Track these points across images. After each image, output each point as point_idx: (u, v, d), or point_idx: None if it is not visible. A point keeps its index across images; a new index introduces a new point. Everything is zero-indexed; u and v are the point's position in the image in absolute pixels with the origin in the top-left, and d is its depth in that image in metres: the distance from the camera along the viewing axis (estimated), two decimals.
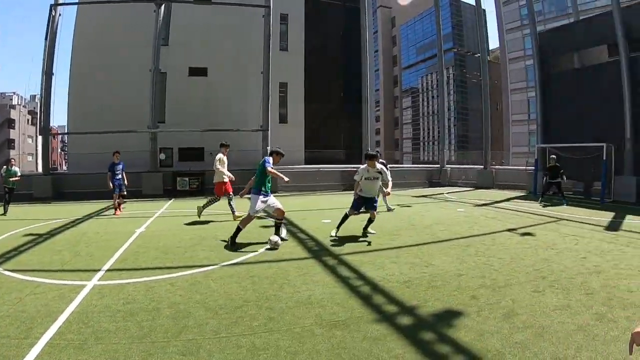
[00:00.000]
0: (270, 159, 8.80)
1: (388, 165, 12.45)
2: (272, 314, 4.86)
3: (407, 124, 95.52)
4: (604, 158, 19.31)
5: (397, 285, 6.03)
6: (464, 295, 5.53)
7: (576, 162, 20.98)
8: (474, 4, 25.99)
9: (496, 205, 17.34)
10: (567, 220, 13.27)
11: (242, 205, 12.53)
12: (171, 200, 18.90)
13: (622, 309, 5.03)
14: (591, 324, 4.53)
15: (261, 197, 8.63)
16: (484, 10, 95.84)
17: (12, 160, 16.25)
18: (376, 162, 9.38)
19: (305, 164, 30.37)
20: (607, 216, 14.25)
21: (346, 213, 9.73)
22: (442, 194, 22.91)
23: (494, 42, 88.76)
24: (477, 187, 26.55)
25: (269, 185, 8.87)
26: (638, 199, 18.84)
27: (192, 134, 26.11)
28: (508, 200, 19.72)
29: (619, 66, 20.11)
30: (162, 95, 28.07)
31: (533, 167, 23.53)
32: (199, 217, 12.10)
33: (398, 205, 16.36)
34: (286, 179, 8.77)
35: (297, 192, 21.69)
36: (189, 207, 15.63)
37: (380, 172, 9.36)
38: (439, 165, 30.68)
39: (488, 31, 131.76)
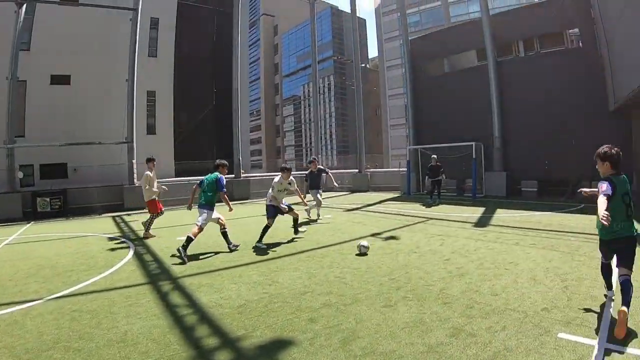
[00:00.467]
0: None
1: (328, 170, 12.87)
2: (78, 357, 4.02)
3: (290, 131, 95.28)
4: (474, 156, 19.89)
5: (229, 311, 5.19)
6: (301, 319, 4.78)
7: (449, 162, 21.15)
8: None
9: (366, 208, 16.76)
10: (436, 219, 12.90)
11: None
12: (29, 224, 16.02)
13: (483, 318, 4.55)
14: (445, 342, 3.96)
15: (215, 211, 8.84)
16: (364, 20, 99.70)
17: None
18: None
19: (176, 176, 28.08)
20: (477, 212, 14.29)
21: (267, 224, 9.55)
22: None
23: (375, 51, 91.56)
24: (352, 191, 26.26)
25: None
26: (508, 192, 19.77)
27: (56, 149, 23.02)
28: (380, 202, 19.15)
29: (487, 69, 21.03)
30: (21, 106, 24.51)
31: (405, 169, 23.71)
32: (149, 234, 11.21)
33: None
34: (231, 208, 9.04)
35: (169, 207, 19.26)
36: (48, 230, 14.01)
37: (290, 183, 9.68)
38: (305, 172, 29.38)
39: (368, 40, 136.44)
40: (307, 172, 13.15)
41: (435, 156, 18.22)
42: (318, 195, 12.84)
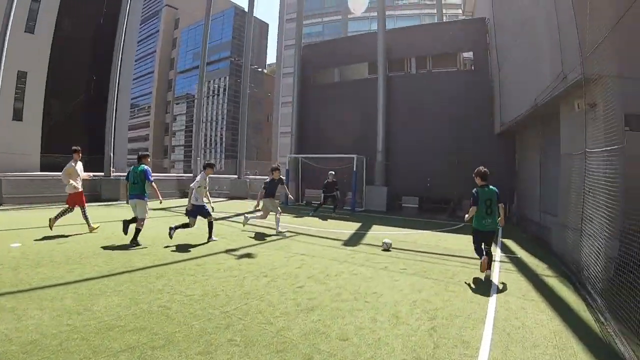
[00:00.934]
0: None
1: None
2: None
3: (180, 130, 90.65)
4: (354, 169, 19.12)
5: (16, 349, 3.75)
6: None
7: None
8: (259, 18, 23.57)
9: (234, 218, 14.90)
10: (306, 234, 11.62)
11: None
12: None
13: None
14: None
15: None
16: (267, 25, 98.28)
17: None
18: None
19: (41, 170, 24.57)
20: (352, 228, 13.20)
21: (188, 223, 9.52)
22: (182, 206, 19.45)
23: (274, 57, 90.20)
24: (230, 198, 24.43)
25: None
26: (389, 207, 19.24)
27: None
28: (252, 212, 17.33)
29: (377, 83, 20.55)
30: None
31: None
32: (51, 229, 9.73)
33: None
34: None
35: (28, 205, 16.73)
36: None
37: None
38: (192, 175, 27.29)
39: (268, 45, 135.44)
40: (267, 179, 12.36)
41: (332, 172, 17.10)
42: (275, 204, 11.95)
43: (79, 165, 10.58)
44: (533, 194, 13.37)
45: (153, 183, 8.97)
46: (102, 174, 20.41)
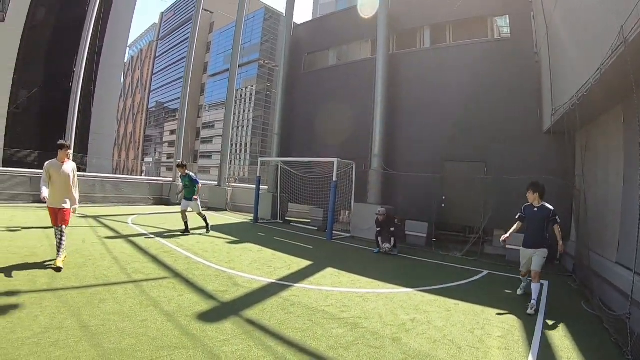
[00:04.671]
0: None
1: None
2: None
3: (217, 137, 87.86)
4: (334, 178, 13.50)
5: None
6: None
7: (311, 184, 15.73)
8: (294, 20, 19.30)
9: (165, 236, 11.10)
10: (184, 279, 6.75)
11: None
12: None
13: None
14: None
15: None
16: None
17: None
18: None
19: (3, 166, 22.04)
20: (288, 268, 8.21)
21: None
22: (134, 215, 16.04)
23: None
24: (208, 209, 20.05)
25: None
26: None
27: None
28: (196, 229, 12.99)
29: (375, 65, 15.18)
30: None
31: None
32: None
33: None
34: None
35: None
36: None
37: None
38: (171, 179, 23.05)
39: None
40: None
41: (382, 209, 11.69)
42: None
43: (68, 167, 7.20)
44: (607, 228, 7.60)
45: None
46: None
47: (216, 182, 21.64)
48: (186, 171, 11.73)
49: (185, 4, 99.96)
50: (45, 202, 6.83)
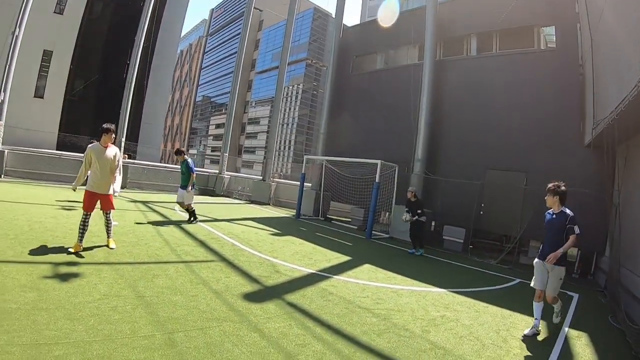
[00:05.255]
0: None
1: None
2: None
3: (262, 133, 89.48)
4: (377, 179, 13.83)
5: None
6: None
7: (355, 184, 16.11)
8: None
9: (211, 224, 11.72)
10: (230, 263, 7.30)
11: None
12: None
13: None
14: None
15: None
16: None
17: None
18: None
19: (57, 149, 23.23)
20: (324, 262, 8.58)
21: None
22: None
23: None
24: (251, 202, 21.05)
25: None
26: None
27: None
28: (233, 220, 13.79)
29: (422, 70, 15.44)
30: None
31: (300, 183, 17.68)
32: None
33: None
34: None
35: (29, 180, 16.94)
36: None
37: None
38: (217, 172, 23.93)
39: None
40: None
41: (412, 188, 12.35)
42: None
43: (111, 152, 6.98)
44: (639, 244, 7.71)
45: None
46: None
47: (260, 177, 22.33)
48: (185, 157, 11.29)
49: (235, 1, 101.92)
50: (75, 191, 6.87)
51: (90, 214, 6.79)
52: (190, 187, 11.16)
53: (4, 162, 16.74)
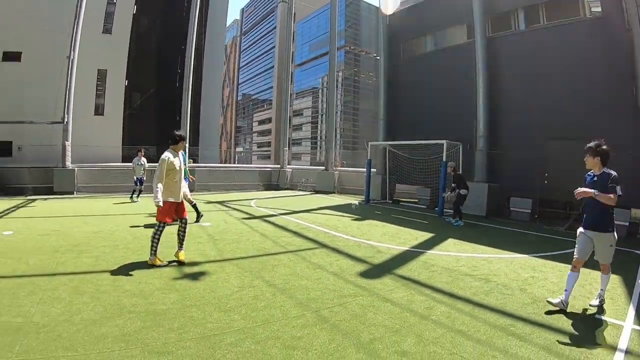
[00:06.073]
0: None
1: None
2: None
3: (307, 124, 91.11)
4: (444, 159, 14.67)
5: None
6: None
7: (421, 165, 16.89)
8: (373, 4, 20.87)
9: (290, 216, 12.99)
10: (332, 250, 8.32)
11: None
12: None
13: None
14: None
15: None
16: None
17: None
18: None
19: (123, 161, 24.94)
20: (415, 239, 9.59)
21: None
22: (254, 199, 18.17)
23: None
24: (316, 192, 22.34)
25: None
26: (490, 212, 14.54)
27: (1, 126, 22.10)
28: (319, 209, 15.16)
29: (474, 49, 15.93)
30: None
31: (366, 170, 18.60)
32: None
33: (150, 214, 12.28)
34: None
35: (99, 194, 18.72)
36: None
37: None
38: (279, 166, 25.16)
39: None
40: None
41: (452, 163, 13.60)
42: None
43: (182, 158, 7.04)
44: None
45: None
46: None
47: (323, 167, 23.51)
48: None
49: None
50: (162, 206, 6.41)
51: (166, 225, 6.71)
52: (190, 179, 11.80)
53: (75, 179, 18.44)
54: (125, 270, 6.28)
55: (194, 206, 10.73)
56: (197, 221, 10.61)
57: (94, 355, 3.67)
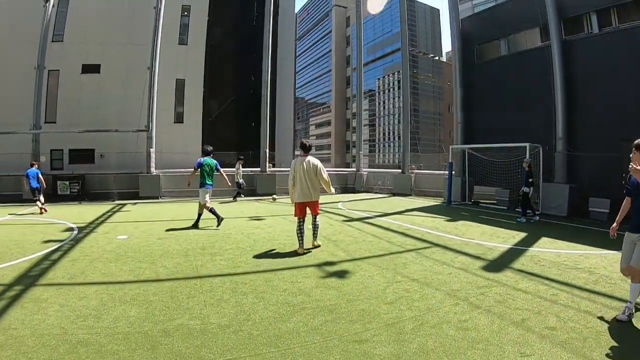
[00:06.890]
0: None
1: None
2: None
3: (365, 126, 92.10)
4: (527, 158, 15.26)
5: None
6: None
7: (500, 168, 17.61)
8: (428, 5, 21.88)
9: (377, 219, 13.81)
10: (442, 247, 9.44)
11: None
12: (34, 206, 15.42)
13: None
14: None
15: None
16: (438, 10, 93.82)
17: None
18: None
19: None
20: (510, 239, 10.43)
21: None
22: (339, 202, 19.20)
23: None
24: (393, 194, 23.38)
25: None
26: (571, 212, 15.09)
27: (84, 135, 23.84)
28: (404, 212, 15.90)
29: (549, 52, 16.70)
30: (54, 94, 26.28)
31: (447, 173, 19.63)
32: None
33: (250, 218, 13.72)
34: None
35: (183, 198, 19.84)
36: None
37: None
38: (354, 170, 26.51)
39: (442, 31, 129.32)
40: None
41: (528, 159, 14.39)
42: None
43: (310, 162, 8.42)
44: None
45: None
46: (259, 169, 22.46)
47: (399, 170, 24.70)
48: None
49: (316, 3, 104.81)
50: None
51: (303, 219, 8.31)
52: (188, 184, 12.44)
53: (160, 184, 19.93)
54: (268, 272, 6.90)
55: (212, 211, 11.06)
56: (217, 226, 11.14)
57: (297, 347, 3.96)
